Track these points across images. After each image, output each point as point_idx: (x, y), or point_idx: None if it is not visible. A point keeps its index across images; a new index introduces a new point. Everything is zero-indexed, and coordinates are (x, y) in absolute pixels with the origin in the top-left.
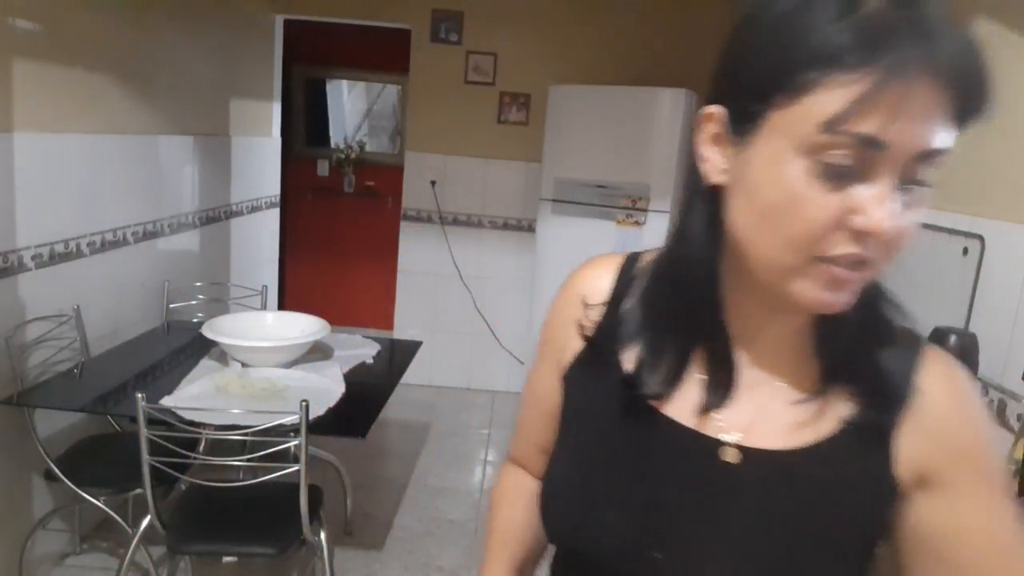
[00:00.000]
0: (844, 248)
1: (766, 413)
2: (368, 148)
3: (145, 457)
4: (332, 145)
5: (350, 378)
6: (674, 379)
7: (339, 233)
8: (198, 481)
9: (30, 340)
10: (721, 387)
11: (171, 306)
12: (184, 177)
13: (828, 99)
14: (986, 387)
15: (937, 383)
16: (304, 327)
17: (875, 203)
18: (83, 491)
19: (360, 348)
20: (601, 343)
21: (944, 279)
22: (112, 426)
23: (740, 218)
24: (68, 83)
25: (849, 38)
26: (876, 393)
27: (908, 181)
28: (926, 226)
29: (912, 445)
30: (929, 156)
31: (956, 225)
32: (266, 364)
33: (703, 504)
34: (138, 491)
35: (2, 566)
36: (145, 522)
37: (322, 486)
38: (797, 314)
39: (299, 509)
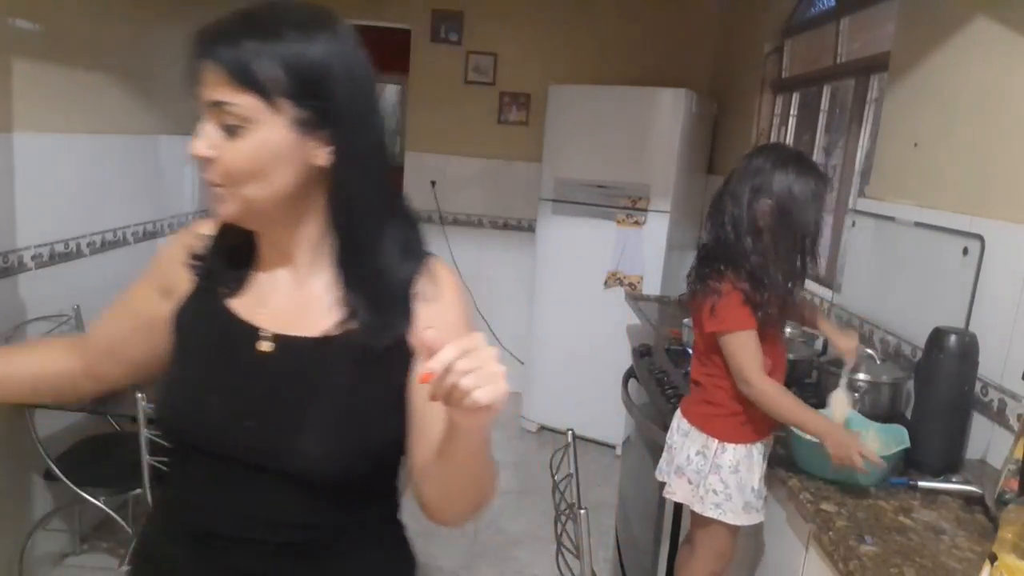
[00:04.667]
0: (201, 172)
1: (306, 314)
2: None
3: (145, 457)
4: None
5: None
6: (237, 287)
7: None
8: None
9: (30, 340)
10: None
11: None
12: (184, 177)
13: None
14: (986, 387)
15: (438, 286)
16: None
17: (195, 138)
18: (83, 491)
19: None
20: (203, 277)
21: (944, 279)
22: (112, 426)
23: None
24: (68, 83)
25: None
26: (391, 296)
27: (219, 123)
28: (926, 226)
29: (418, 325)
30: (215, 104)
31: (956, 225)
32: None
33: (251, 380)
34: (138, 491)
35: (2, 566)
36: None
37: None
38: (274, 237)
39: None
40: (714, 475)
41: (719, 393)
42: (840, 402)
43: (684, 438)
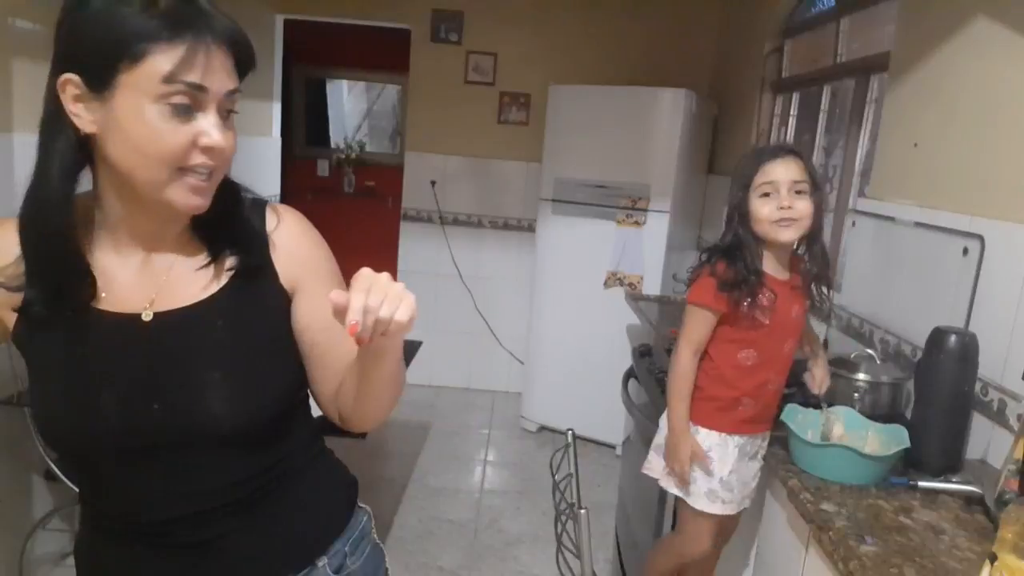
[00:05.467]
0: (199, 159)
1: (174, 286)
2: (368, 148)
3: None
4: (332, 145)
5: None
6: (80, 297)
7: (339, 233)
8: None
9: None
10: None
11: None
12: None
13: (161, 60)
14: (986, 387)
15: (284, 227)
16: None
17: (212, 128)
18: None
19: None
20: (27, 304)
21: (944, 279)
22: None
23: (119, 155)
24: None
25: (159, 22)
26: (245, 244)
27: (225, 112)
28: (926, 226)
29: (283, 266)
30: (231, 93)
31: (956, 225)
32: None
33: (141, 365)
34: None
35: (2, 566)
36: None
37: None
38: (178, 220)
39: None
40: None
41: (700, 376)
42: (837, 423)
43: (666, 417)
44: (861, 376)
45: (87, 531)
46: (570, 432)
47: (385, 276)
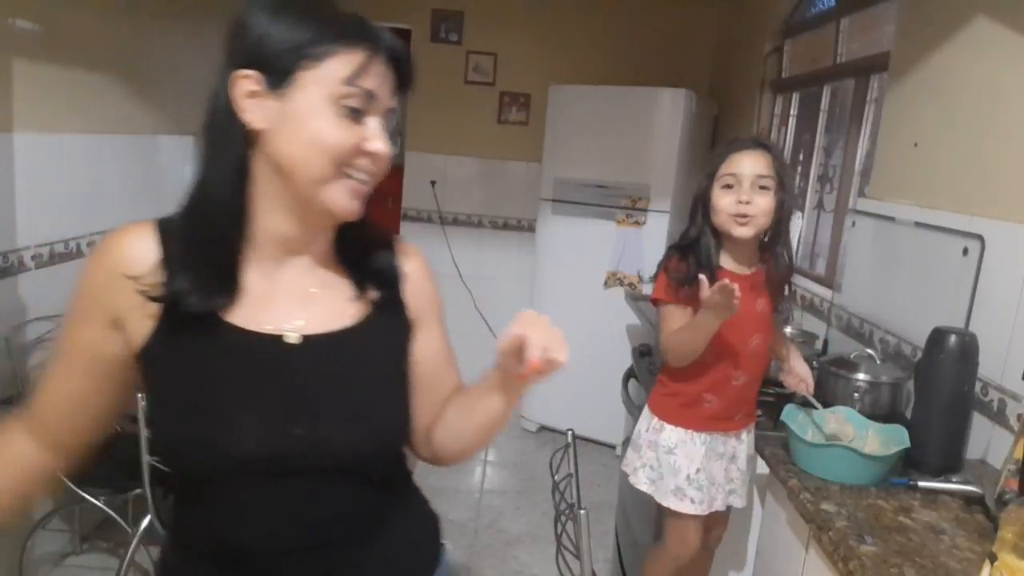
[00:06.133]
0: (361, 162)
1: (321, 310)
2: None
3: (145, 457)
4: None
5: None
6: (229, 295)
7: None
8: None
9: (30, 340)
10: (229, 294)
11: None
12: (184, 177)
13: (342, 64)
14: (986, 387)
15: (412, 261)
16: None
17: (378, 134)
18: (83, 491)
19: None
20: (174, 297)
21: (944, 279)
22: (112, 426)
23: (288, 149)
24: (68, 83)
25: (340, 29)
26: (386, 276)
27: (385, 121)
28: (926, 226)
29: (410, 300)
30: (392, 110)
31: (956, 225)
32: None
33: (286, 387)
34: (138, 491)
35: (2, 566)
36: (145, 522)
37: None
38: (327, 228)
39: None
40: (651, 451)
41: (664, 371)
42: (839, 422)
43: (642, 415)
44: (861, 376)
45: (175, 557)
46: (570, 432)
47: (547, 319)
